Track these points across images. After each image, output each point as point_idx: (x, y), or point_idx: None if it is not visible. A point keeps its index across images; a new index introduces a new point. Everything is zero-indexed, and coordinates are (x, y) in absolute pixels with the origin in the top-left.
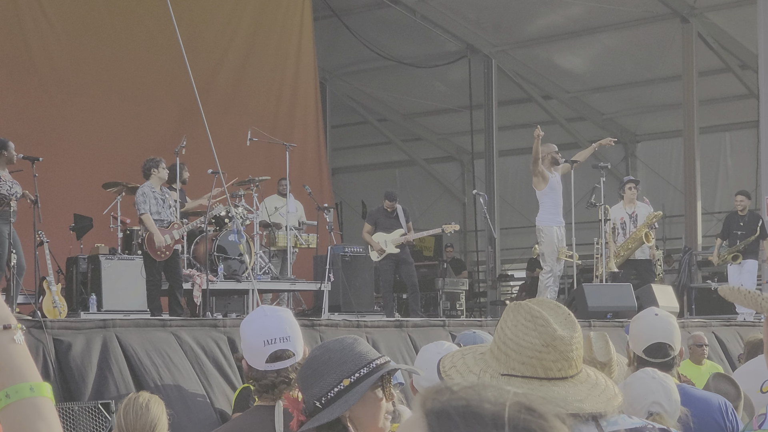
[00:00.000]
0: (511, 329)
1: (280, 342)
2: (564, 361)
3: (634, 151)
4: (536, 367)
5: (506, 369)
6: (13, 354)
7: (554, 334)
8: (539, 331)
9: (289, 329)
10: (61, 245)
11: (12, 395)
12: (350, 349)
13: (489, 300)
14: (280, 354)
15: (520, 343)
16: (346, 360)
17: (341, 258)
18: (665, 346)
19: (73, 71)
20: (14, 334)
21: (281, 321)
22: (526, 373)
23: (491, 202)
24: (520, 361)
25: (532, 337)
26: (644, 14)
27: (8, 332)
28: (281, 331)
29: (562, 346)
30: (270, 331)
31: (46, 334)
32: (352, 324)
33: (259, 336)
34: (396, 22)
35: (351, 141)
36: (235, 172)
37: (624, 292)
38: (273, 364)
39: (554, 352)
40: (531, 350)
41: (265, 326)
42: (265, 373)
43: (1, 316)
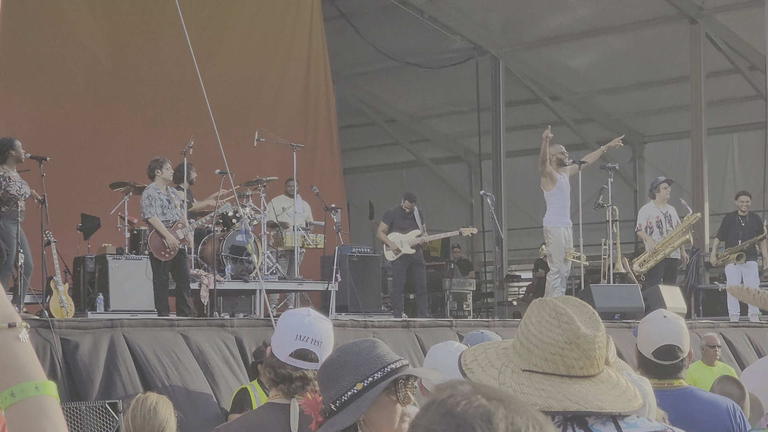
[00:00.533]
0: (535, 325)
1: (311, 344)
2: (586, 360)
3: (642, 152)
4: (558, 364)
5: (528, 365)
6: (18, 352)
7: (578, 331)
8: (563, 328)
9: (325, 337)
10: (68, 245)
11: (17, 394)
12: (367, 352)
13: (496, 300)
14: (305, 353)
15: (543, 339)
16: (361, 363)
17: (349, 258)
18: (674, 348)
19: (80, 71)
20: (19, 333)
21: (321, 327)
22: (547, 370)
23: (498, 203)
24: (543, 358)
25: (555, 334)
26: (652, 15)
27: (13, 330)
28: (316, 335)
29: (585, 345)
30: (306, 330)
31: (53, 334)
32: (359, 324)
33: (293, 329)
34: (404, 23)
35: (358, 142)
36: (243, 172)
37: (632, 293)
38: (296, 360)
39: (577, 350)
40: (554, 347)
41: (304, 324)
42: (284, 364)
43: (6, 314)
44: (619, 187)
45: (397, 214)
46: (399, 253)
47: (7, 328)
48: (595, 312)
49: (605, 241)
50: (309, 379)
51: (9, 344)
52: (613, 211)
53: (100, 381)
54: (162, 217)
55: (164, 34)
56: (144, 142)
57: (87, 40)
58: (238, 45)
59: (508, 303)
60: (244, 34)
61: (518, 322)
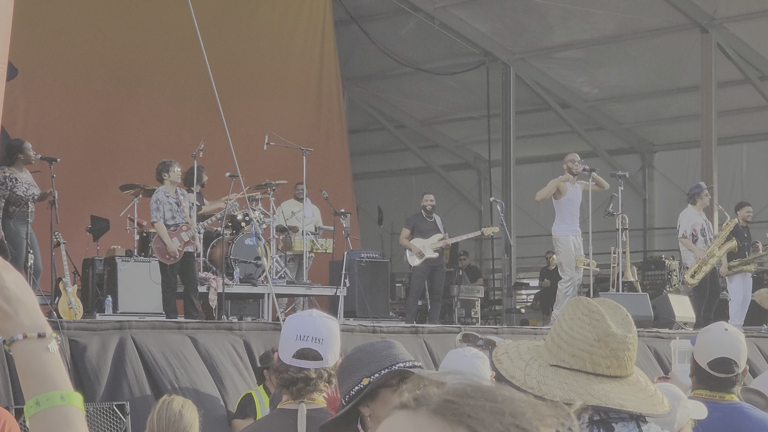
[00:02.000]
0: (567, 322)
1: (312, 342)
2: (613, 359)
3: (652, 161)
4: (585, 361)
5: (556, 360)
6: (46, 363)
7: (608, 330)
8: (593, 325)
9: (326, 333)
10: (77, 247)
11: (42, 403)
12: (380, 350)
13: (504, 308)
14: (306, 352)
15: (573, 335)
16: (372, 360)
17: (357, 263)
18: (730, 362)
19: (91, 73)
20: (48, 343)
21: (321, 324)
22: (574, 366)
23: (508, 210)
24: (571, 354)
25: (585, 331)
26: (663, 24)
27: (43, 341)
28: (316, 332)
29: (614, 343)
30: (305, 329)
31: (61, 335)
32: (367, 329)
33: (294, 330)
34: (415, 29)
35: (368, 147)
36: (252, 176)
37: (641, 302)
38: (298, 361)
39: (605, 348)
40: (583, 343)
41: (304, 323)
42: (288, 367)
43: (37, 324)
44: (629, 195)
45: (418, 220)
46: (423, 258)
47: (36, 338)
48: (629, 314)
49: (614, 250)
50: (312, 379)
51: (38, 354)
52: (623, 219)
53: (108, 382)
54: (171, 220)
55: (177, 38)
56: (155, 144)
57: (100, 43)
58: (250, 49)
59: (516, 310)
60: (256, 39)
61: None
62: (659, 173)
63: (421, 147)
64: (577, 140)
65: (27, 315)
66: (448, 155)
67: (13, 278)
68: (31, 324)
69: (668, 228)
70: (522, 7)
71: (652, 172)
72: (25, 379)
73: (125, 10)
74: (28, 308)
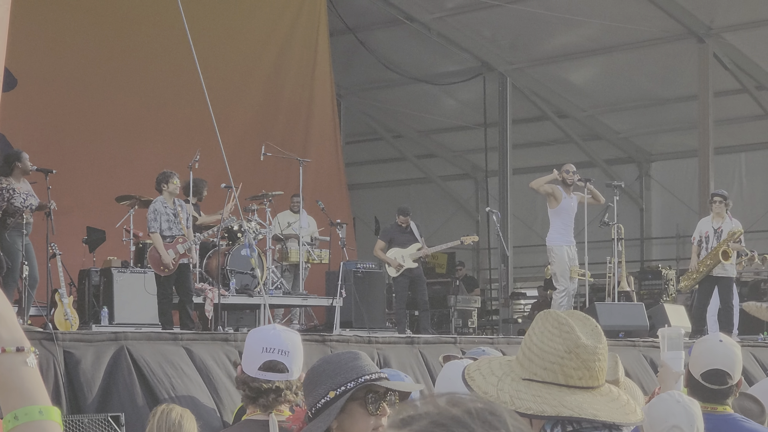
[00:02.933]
0: (537, 335)
1: (278, 354)
2: (585, 370)
3: (649, 170)
4: (557, 373)
5: (528, 374)
6: (25, 377)
7: (578, 341)
8: (563, 337)
9: (291, 346)
10: (73, 258)
11: (20, 417)
12: (345, 362)
13: (501, 318)
14: (273, 365)
15: (543, 348)
16: (338, 372)
17: (353, 274)
18: (724, 374)
19: (87, 84)
20: (27, 357)
21: (286, 337)
22: (546, 379)
23: (504, 220)
24: (542, 367)
25: (555, 343)
26: (660, 34)
27: (21, 355)
28: (282, 345)
29: (585, 355)
30: (271, 341)
31: (57, 347)
32: (363, 340)
33: (259, 342)
34: (412, 39)
35: (365, 157)
36: (249, 186)
37: (636, 312)
38: (265, 373)
39: (576, 360)
40: (553, 356)
41: (269, 336)
42: (255, 378)
43: (16, 338)
44: (626, 205)
45: (394, 230)
46: (401, 269)
47: (15, 352)
48: (598, 325)
49: (610, 259)
50: (281, 389)
51: (16, 368)
52: (619, 229)
53: (103, 394)
54: (168, 231)
55: (173, 49)
56: (151, 155)
57: (97, 54)
58: (245, 59)
59: (513, 320)
60: (251, 49)
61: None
62: (656, 183)
63: (418, 157)
64: (574, 150)
65: (5, 329)
66: (446, 165)
67: None
68: (10, 338)
69: (665, 237)
70: (519, 17)
71: (649, 182)
72: (3, 393)
73: (122, 22)
74: (7, 322)
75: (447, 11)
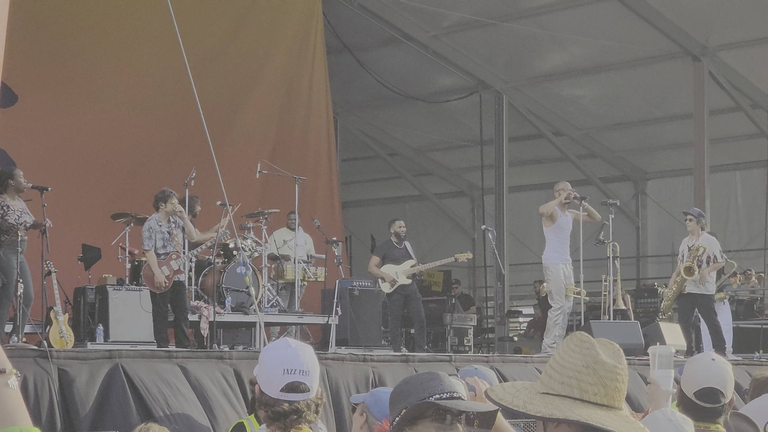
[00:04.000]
0: (560, 353)
1: (300, 374)
2: (601, 387)
3: (645, 188)
4: (573, 387)
5: (545, 388)
6: (6, 398)
7: (596, 357)
8: (583, 353)
9: (310, 365)
10: (69, 275)
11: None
12: (421, 382)
13: (497, 336)
14: (296, 386)
15: (563, 364)
16: (412, 392)
17: (349, 292)
18: (717, 392)
19: (83, 101)
20: (8, 379)
21: (304, 355)
22: (562, 392)
23: (500, 238)
24: (560, 381)
25: (575, 359)
26: (656, 53)
27: (3, 377)
28: (302, 365)
29: (602, 371)
30: (291, 362)
31: (51, 364)
32: (358, 358)
33: (279, 364)
34: (408, 58)
35: (362, 175)
36: (245, 204)
37: (631, 330)
38: (287, 395)
39: (593, 375)
40: (571, 370)
41: (288, 356)
42: (278, 401)
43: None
44: (622, 223)
45: (389, 247)
46: (395, 285)
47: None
48: (620, 349)
49: (606, 278)
50: (302, 411)
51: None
52: (614, 247)
53: (98, 411)
54: (162, 249)
55: (170, 66)
56: (146, 173)
57: (94, 72)
58: (242, 77)
59: (509, 338)
60: (248, 68)
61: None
62: (652, 201)
63: (414, 175)
64: (570, 168)
65: None
66: (442, 183)
67: None
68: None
69: (661, 255)
70: (515, 36)
71: (645, 200)
72: None
73: (120, 40)
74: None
75: (443, 30)
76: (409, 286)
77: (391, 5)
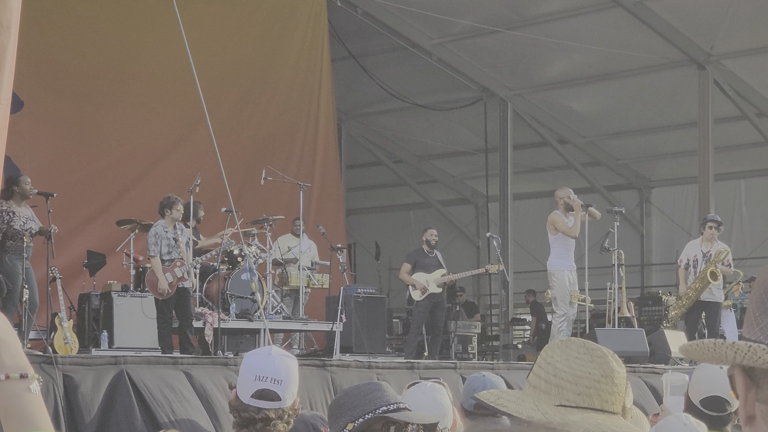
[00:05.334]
0: (562, 362)
1: (271, 383)
2: (617, 395)
3: (649, 196)
4: (593, 398)
5: (559, 400)
6: (28, 403)
7: (611, 365)
8: (597, 362)
9: (285, 374)
10: (73, 281)
11: None
12: (365, 394)
13: (501, 344)
14: (265, 393)
15: (576, 374)
16: (357, 404)
17: (354, 299)
18: (723, 401)
19: (89, 108)
20: (30, 384)
21: (280, 364)
22: (581, 404)
23: (505, 246)
24: (576, 392)
25: (590, 368)
26: (661, 61)
27: (25, 381)
28: (276, 373)
29: (618, 379)
30: (265, 369)
31: (56, 370)
32: (363, 365)
33: (253, 370)
34: (412, 65)
35: (365, 182)
36: (249, 210)
37: (636, 337)
38: (257, 401)
39: (611, 384)
40: (589, 380)
41: (263, 363)
42: (247, 406)
43: (19, 365)
44: (626, 231)
45: (420, 255)
46: (426, 293)
47: (19, 378)
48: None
49: (611, 285)
50: (271, 419)
51: (19, 395)
52: (619, 254)
53: (102, 418)
54: (167, 255)
55: (177, 73)
56: (151, 180)
57: (100, 79)
58: (249, 84)
59: (513, 346)
60: (255, 74)
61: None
62: (657, 209)
63: (418, 182)
64: (574, 176)
65: (9, 356)
66: (446, 190)
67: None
68: (14, 365)
69: (666, 264)
70: (520, 44)
71: (649, 208)
72: (6, 419)
73: (127, 47)
74: (11, 349)
75: (448, 37)
76: (438, 295)
77: (396, 12)
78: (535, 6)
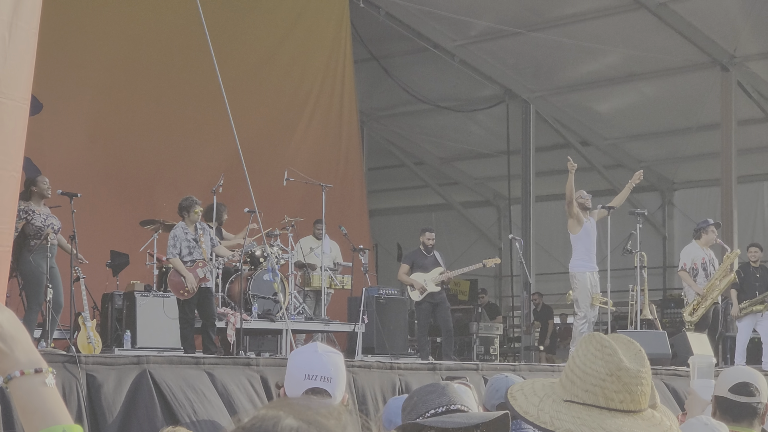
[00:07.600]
0: (580, 357)
1: (321, 381)
2: (627, 394)
3: (672, 199)
4: (598, 396)
5: (569, 395)
6: (45, 397)
7: (620, 364)
8: (605, 360)
9: (334, 371)
10: (97, 281)
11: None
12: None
13: (523, 345)
14: (317, 392)
15: (585, 370)
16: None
17: (376, 300)
18: (751, 386)
19: (111, 109)
20: (45, 378)
21: (329, 361)
22: (587, 401)
23: (527, 248)
24: (584, 389)
25: (597, 366)
26: (684, 62)
27: (40, 376)
28: (325, 371)
29: (626, 378)
30: (314, 368)
31: (79, 370)
32: (385, 366)
33: (302, 369)
34: (435, 66)
35: (387, 184)
36: (271, 211)
37: (659, 340)
38: None
39: (618, 383)
40: (595, 378)
41: (312, 361)
42: None
43: (32, 360)
44: (648, 233)
45: (417, 255)
46: (425, 292)
47: (33, 373)
48: (642, 349)
49: (633, 287)
50: None
51: (37, 389)
52: (641, 257)
53: (124, 417)
54: (188, 256)
55: (199, 75)
56: (175, 180)
57: (119, 80)
58: (272, 85)
59: (535, 348)
60: (278, 76)
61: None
62: (679, 211)
63: (440, 184)
64: (596, 178)
65: (22, 351)
66: (468, 192)
67: (6, 317)
68: (27, 360)
69: None
70: (542, 45)
71: (672, 210)
72: (26, 415)
73: (147, 47)
74: (23, 345)
75: (470, 39)
76: (438, 294)
77: (418, 14)
78: (558, 7)
